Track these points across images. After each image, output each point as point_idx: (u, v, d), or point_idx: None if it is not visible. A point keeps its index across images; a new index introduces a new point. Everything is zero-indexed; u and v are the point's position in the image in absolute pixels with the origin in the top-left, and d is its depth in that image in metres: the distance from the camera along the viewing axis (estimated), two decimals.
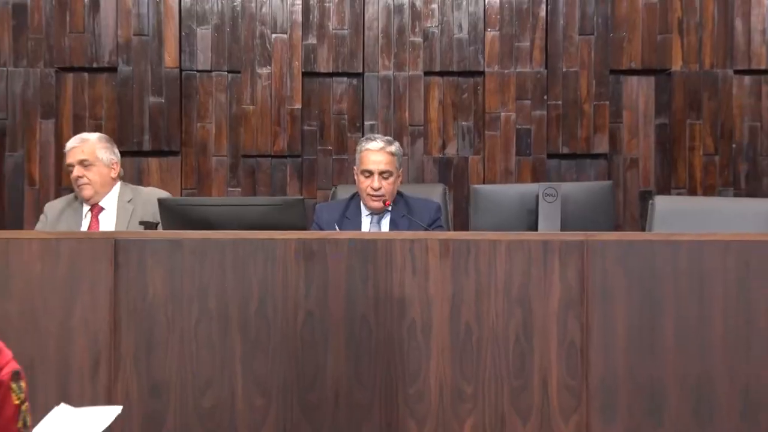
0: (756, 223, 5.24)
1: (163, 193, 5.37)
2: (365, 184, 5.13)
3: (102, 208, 5.23)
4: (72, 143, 5.29)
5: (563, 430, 3.84)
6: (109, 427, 3.74)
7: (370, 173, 5.11)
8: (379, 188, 5.09)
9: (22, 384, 2.30)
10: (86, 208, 5.25)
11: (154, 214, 5.02)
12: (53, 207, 5.38)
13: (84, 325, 3.86)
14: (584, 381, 3.86)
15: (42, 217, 5.38)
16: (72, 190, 5.41)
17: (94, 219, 5.21)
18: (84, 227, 5.19)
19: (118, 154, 5.37)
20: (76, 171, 5.19)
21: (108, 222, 5.20)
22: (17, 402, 2.26)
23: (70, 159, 5.23)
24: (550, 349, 3.86)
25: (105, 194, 5.24)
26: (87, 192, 5.19)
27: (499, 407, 3.84)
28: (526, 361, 3.86)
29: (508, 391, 3.85)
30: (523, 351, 3.86)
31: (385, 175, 5.11)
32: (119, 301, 3.87)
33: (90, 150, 5.21)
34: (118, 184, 5.31)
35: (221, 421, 3.84)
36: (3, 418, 2.23)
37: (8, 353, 2.32)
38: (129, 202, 5.23)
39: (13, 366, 2.30)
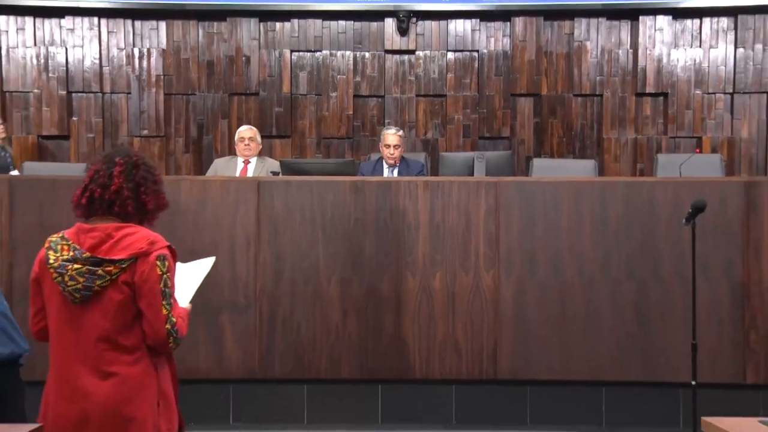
0: (584, 172, 5.14)
1: (275, 162, 5.16)
2: (386, 151, 4.98)
3: (249, 162, 5.03)
4: (246, 128, 5.13)
5: (486, 278, 3.75)
6: (255, 272, 3.69)
7: (389, 146, 4.95)
8: (393, 154, 4.96)
9: (166, 263, 2.00)
10: (241, 160, 5.03)
11: (274, 167, 4.94)
12: (220, 161, 5.20)
13: (242, 224, 3.77)
14: (497, 253, 3.75)
15: (212, 165, 5.19)
16: (226, 154, 5.26)
17: (245, 167, 5.01)
18: (237, 171, 5.01)
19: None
20: (247, 141, 5.00)
21: (251, 170, 5.02)
22: (159, 273, 1.98)
23: (244, 135, 5.01)
24: (479, 237, 3.75)
25: (253, 156, 5.04)
26: (249, 153, 5.01)
27: (453, 267, 3.75)
28: (467, 243, 3.75)
29: (458, 258, 3.75)
30: (466, 238, 3.76)
31: (396, 147, 4.95)
32: (260, 212, 3.77)
33: (255, 134, 5.07)
34: (257, 155, 5.12)
35: (311, 274, 3.76)
36: (151, 279, 1.97)
37: (164, 242, 2.02)
38: (263, 164, 5.03)
39: (162, 251, 2.00)
